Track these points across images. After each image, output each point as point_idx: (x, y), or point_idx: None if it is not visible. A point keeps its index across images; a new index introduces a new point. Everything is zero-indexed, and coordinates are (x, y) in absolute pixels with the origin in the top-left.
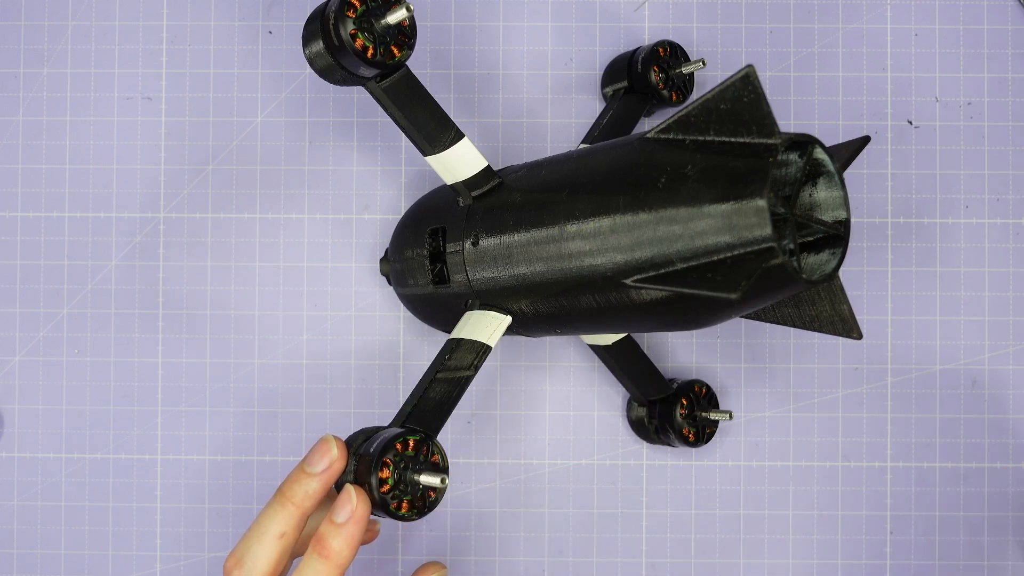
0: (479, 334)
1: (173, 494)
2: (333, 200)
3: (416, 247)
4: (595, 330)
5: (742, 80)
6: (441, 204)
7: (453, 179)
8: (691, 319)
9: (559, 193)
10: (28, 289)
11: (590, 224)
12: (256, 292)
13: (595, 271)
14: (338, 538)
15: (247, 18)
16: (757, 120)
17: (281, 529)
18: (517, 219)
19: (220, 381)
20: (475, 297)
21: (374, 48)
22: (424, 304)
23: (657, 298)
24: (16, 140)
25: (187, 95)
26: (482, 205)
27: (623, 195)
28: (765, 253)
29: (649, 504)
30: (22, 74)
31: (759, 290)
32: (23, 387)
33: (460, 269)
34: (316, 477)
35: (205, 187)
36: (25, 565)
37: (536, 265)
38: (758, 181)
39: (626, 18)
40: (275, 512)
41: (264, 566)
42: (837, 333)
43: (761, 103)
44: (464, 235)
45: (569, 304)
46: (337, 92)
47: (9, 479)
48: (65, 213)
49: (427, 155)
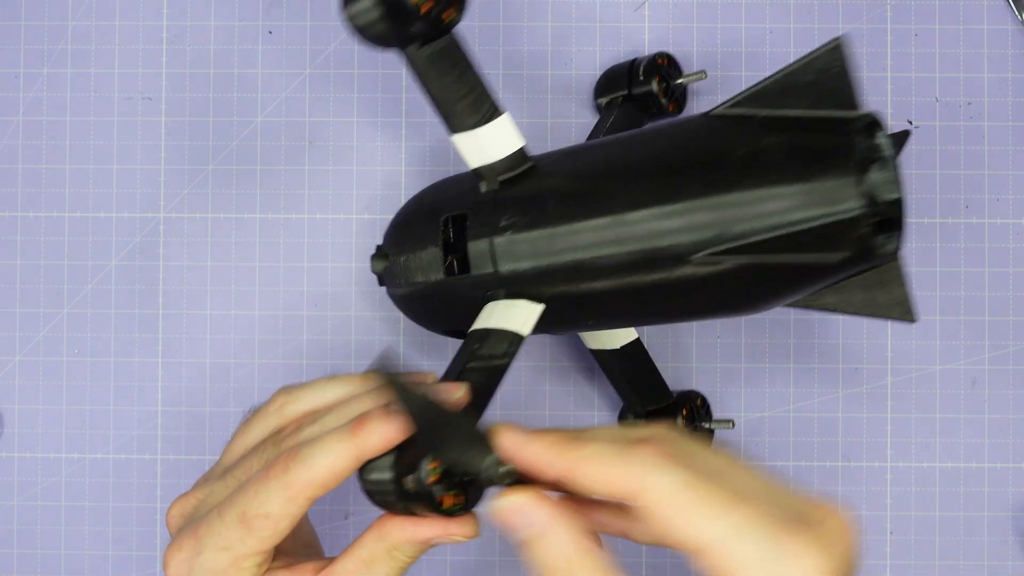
0: (510, 323)
1: (174, 494)
2: (333, 200)
3: (425, 238)
4: (640, 318)
5: (831, 51)
6: (456, 191)
7: (481, 161)
8: (760, 296)
9: (612, 179)
10: (28, 289)
11: (657, 209)
12: (256, 292)
13: (661, 253)
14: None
15: (247, 18)
16: (841, 93)
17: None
18: (562, 206)
19: (220, 381)
20: (500, 287)
21: (431, 5)
22: (430, 300)
23: (729, 271)
24: (16, 140)
25: (187, 95)
26: (513, 191)
27: (695, 176)
28: (852, 223)
29: None
30: (22, 74)
31: (843, 261)
32: (23, 387)
33: (486, 259)
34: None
35: (205, 187)
36: (25, 565)
37: (587, 252)
38: (845, 155)
39: (626, 18)
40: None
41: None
42: (892, 317)
43: (849, 75)
44: (492, 223)
45: (622, 287)
46: (337, 92)
47: (9, 479)
48: (65, 213)
49: (458, 132)
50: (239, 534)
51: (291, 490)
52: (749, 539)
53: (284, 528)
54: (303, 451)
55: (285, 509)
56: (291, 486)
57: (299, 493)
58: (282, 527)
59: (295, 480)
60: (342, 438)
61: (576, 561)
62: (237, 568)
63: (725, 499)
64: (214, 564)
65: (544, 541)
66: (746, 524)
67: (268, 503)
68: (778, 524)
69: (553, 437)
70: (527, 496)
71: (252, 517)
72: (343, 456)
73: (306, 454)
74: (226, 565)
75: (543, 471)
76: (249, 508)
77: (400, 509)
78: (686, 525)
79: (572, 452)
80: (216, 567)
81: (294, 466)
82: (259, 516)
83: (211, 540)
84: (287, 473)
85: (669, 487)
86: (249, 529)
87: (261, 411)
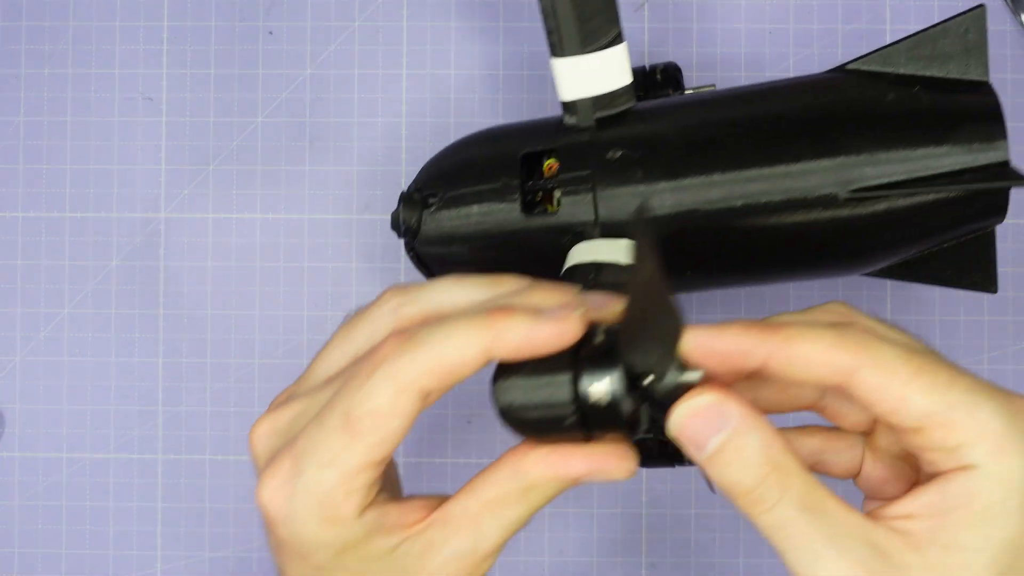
0: (621, 258)
1: (174, 494)
2: (333, 201)
3: (493, 173)
4: (750, 271)
5: (972, 17)
6: (531, 127)
7: (585, 92)
8: (889, 243)
9: (742, 137)
10: (29, 289)
11: (799, 165)
12: (257, 292)
13: (807, 198)
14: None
15: (248, 19)
16: (972, 58)
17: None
18: (683, 158)
19: (221, 381)
20: (595, 227)
21: None
22: (490, 247)
23: (868, 215)
24: (17, 140)
25: (188, 95)
26: (616, 132)
27: (849, 134)
28: (1002, 169)
29: (649, 504)
30: (23, 75)
31: (970, 213)
32: (24, 387)
33: (583, 196)
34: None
35: (206, 188)
36: (26, 564)
37: (720, 194)
38: (995, 121)
39: (626, 19)
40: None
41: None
42: (974, 288)
43: (984, 41)
44: (590, 159)
45: (751, 229)
46: (338, 93)
47: (10, 479)
48: (66, 214)
49: (569, 55)
50: (343, 441)
51: (401, 378)
52: (985, 408)
53: (394, 430)
54: (420, 333)
55: (394, 404)
56: (402, 373)
57: (411, 383)
58: (392, 428)
59: (407, 366)
60: (473, 322)
61: (783, 462)
62: (346, 489)
63: (946, 371)
64: (319, 486)
65: (743, 443)
66: (977, 393)
67: (374, 396)
68: (1004, 395)
69: (744, 324)
70: (718, 393)
71: (357, 417)
72: (471, 343)
73: (423, 336)
74: (332, 485)
75: (742, 361)
76: (353, 407)
77: (556, 434)
78: (913, 397)
79: (780, 332)
80: (321, 489)
81: (408, 349)
82: (365, 415)
83: (312, 455)
84: (398, 357)
85: (891, 362)
86: (354, 433)
87: (368, 312)
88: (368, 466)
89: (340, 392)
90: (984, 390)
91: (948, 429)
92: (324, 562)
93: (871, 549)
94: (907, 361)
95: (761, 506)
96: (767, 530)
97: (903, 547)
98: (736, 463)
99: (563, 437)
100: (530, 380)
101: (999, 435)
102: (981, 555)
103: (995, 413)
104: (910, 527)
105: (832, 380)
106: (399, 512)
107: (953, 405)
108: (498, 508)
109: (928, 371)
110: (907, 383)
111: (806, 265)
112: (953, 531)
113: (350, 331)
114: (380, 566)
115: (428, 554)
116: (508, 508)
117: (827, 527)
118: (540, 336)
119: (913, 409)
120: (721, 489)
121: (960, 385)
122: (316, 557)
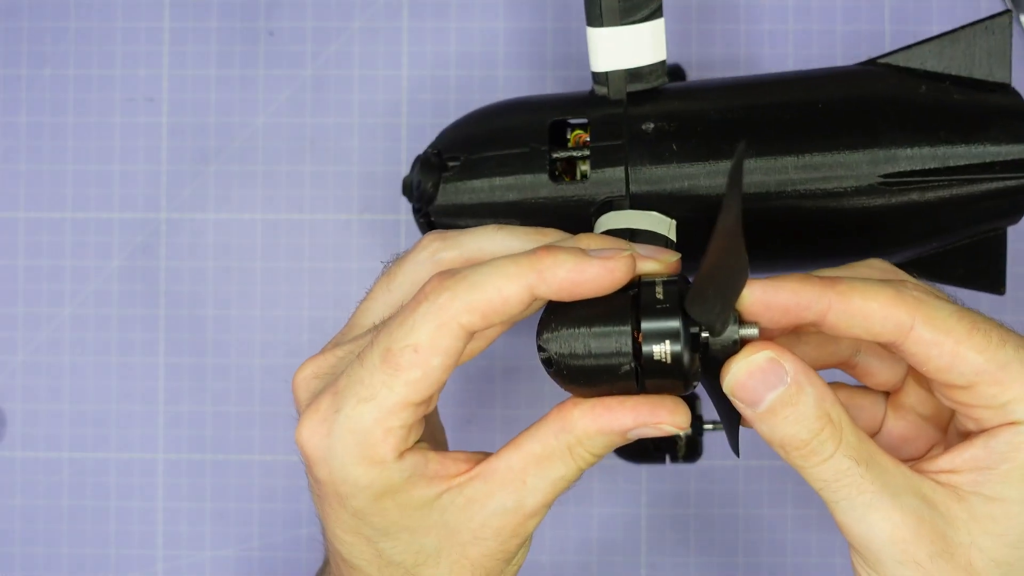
0: (658, 228)
1: (175, 493)
2: (334, 201)
3: (520, 139)
4: (774, 256)
5: (999, 22)
6: (558, 99)
7: (617, 64)
8: (917, 232)
9: (778, 122)
10: (30, 289)
11: (836, 152)
12: (257, 292)
13: (841, 185)
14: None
15: (248, 19)
16: (995, 61)
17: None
18: (719, 139)
19: (221, 381)
20: (626, 199)
21: None
22: (513, 208)
23: (901, 205)
24: (19, 141)
25: (189, 96)
26: (649, 107)
27: (886, 124)
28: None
29: (649, 504)
30: (25, 75)
31: (994, 209)
32: (25, 387)
33: (615, 167)
34: (595, 266)
35: (207, 188)
36: (28, 564)
37: (756, 178)
38: (1022, 120)
39: None
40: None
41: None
42: (982, 289)
43: (1008, 45)
44: (623, 130)
45: (782, 213)
46: (338, 94)
47: (12, 479)
48: (67, 214)
49: (608, 26)
50: (383, 377)
51: (443, 314)
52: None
53: (435, 367)
54: (463, 271)
55: (435, 339)
56: (443, 309)
57: (452, 318)
58: (433, 364)
59: (448, 302)
60: (517, 260)
61: (837, 416)
62: (385, 427)
63: (997, 330)
64: (357, 423)
65: (799, 398)
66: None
67: (416, 331)
68: None
69: (802, 278)
70: (775, 349)
71: (397, 352)
72: (515, 280)
73: (466, 273)
74: (371, 423)
75: (800, 316)
76: (393, 342)
77: (607, 386)
78: (967, 354)
79: (837, 287)
80: (360, 426)
81: (450, 285)
82: (406, 349)
83: (351, 391)
84: (440, 293)
85: (946, 319)
86: (395, 368)
87: (408, 258)
88: (408, 404)
89: (381, 330)
90: None
91: (999, 386)
92: (363, 506)
93: (920, 500)
94: (961, 319)
95: (816, 458)
96: (820, 482)
97: (949, 499)
98: (793, 417)
99: (614, 389)
100: (585, 328)
101: None
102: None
103: None
104: (955, 480)
105: (888, 336)
106: (441, 462)
107: (1005, 364)
108: (544, 464)
109: (982, 329)
110: (961, 340)
111: (830, 252)
112: (997, 484)
113: (391, 280)
114: (420, 516)
115: (471, 508)
116: (554, 465)
117: (879, 478)
118: (587, 275)
119: (967, 366)
120: (773, 443)
121: (1012, 343)
122: (355, 501)
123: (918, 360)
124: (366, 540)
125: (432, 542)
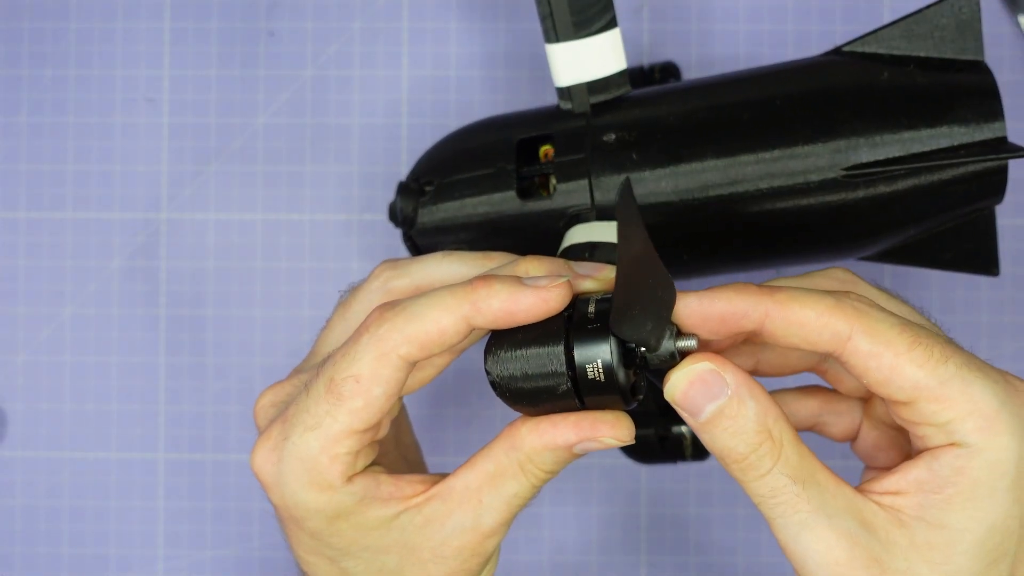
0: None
1: (175, 493)
2: (334, 201)
3: (488, 160)
4: (749, 255)
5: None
6: (527, 115)
7: (578, 78)
8: (887, 224)
9: (737, 121)
10: (31, 289)
11: (795, 148)
12: (258, 292)
13: (803, 180)
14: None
15: (249, 20)
16: (966, 37)
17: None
18: (678, 142)
19: (222, 380)
20: (591, 211)
21: None
22: (487, 232)
23: (867, 198)
24: (19, 141)
25: (189, 97)
26: (611, 117)
27: (846, 115)
28: (997, 146)
29: (649, 503)
30: (26, 76)
31: (970, 191)
32: (26, 387)
33: (579, 180)
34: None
35: (207, 188)
36: (28, 564)
37: (716, 178)
38: (992, 98)
39: (626, 20)
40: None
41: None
42: (975, 271)
43: (978, 20)
44: (585, 143)
45: (749, 213)
46: (339, 94)
47: (12, 478)
48: (68, 214)
49: (560, 41)
50: (327, 406)
51: (382, 345)
52: (978, 386)
53: (377, 396)
54: (402, 303)
55: (376, 369)
56: (383, 340)
57: (392, 350)
58: (375, 395)
59: (387, 333)
60: (453, 291)
61: (777, 431)
62: (330, 454)
63: (941, 345)
64: (304, 450)
65: (738, 411)
66: (972, 370)
67: (357, 362)
68: (998, 374)
69: (738, 287)
70: (714, 360)
71: (340, 382)
72: (450, 311)
73: (405, 305)
74: (317, 450)
75: (737, 325)
76: (336, 373)
77: (550, 405)
78: (905, 368)
79: (775, 295)
80: (306, 453)
81: (389, 318)
82: (348, 379)
83: (298, 419)
84: (380, 325)
85: (886, 332)
86: (338, 398)
87: (362, 288)
88: (352, 432)
89: (327, 361)
90: (979, 367)
91: (939, 403)
92: (319, 528)
93: (858, 523)
94: (902, 332)
95: (753, 473)
96: (757, 497)
97: (890, 523)
98: (731, 430)
99: (557, 407)
100: (521, 351)
101: (990, 413)
102: (967, 535)
103: (988, 391)
104: (898, 503)
105: (826, 346)
106: (395, 484)
107: (946, 380)
108: (497, 482)
109: (923, 344)
110: (901, 353)
111: (804, 248)
112: (940, 510)
113: (347, 309)
114: (378, 535)
115: (429, 528)
116: (507, 482)
117: (816, 498)
118: (521, 304)
119: (905, 381)
120: (715, 454)
121: (955, 360)
122: (310, 523)
123: (858, 372)
124: (328, 560)
125: (393, 560)
